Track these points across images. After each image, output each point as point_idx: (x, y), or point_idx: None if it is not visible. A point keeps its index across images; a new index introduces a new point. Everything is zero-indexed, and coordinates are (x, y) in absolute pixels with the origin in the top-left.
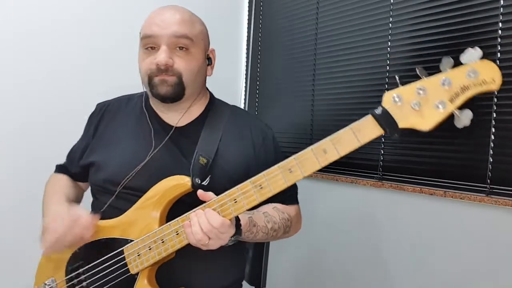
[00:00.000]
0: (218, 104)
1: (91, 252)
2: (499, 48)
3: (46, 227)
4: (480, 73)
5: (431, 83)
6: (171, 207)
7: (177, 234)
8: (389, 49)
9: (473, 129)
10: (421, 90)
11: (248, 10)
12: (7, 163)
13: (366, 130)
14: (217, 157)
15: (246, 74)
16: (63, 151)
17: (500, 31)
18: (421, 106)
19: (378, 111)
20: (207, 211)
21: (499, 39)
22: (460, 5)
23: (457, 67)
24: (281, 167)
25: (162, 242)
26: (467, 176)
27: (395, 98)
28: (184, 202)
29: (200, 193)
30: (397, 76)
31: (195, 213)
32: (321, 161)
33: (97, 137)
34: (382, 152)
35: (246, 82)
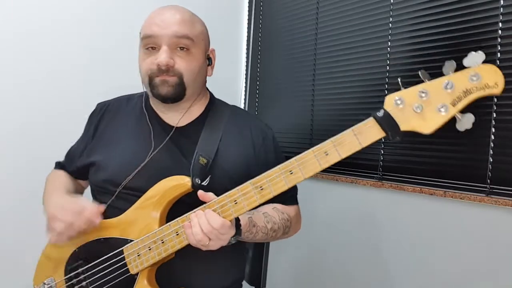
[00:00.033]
0: (218, 104)
1: (90, 252)
2: (499, 48)
3: (53, 216)
4: (483, 77)
5: (434, 86)
6: (171, 207)
7: (177, 235)
8: (389, 49)
9: (473, 129)
10: (424, 93)
11: (248, 10)
12: (7, 163)
13: (368, 133)
14: (217, 157)
15: (246, 74)
16: (63, 151)
17: (500, 31)
18: (423, 109)
19: (380, 114)
20: (208, 212)
21: (499, 39)
22: (460, 5)
23: (460, 71)
24: (282, 169)
25: (162, 243)
26: (467, 176)
27: (397, 101)
28: (184, 203)
29: (201, 194)
30: (400, 79)
31: (195, 214)
32: (322, 163)
33: (97, 137)
34: (382, 152)
35: (246, 82)
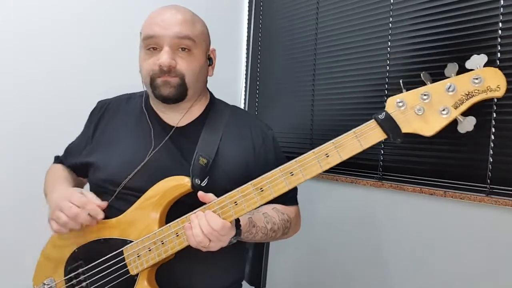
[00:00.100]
0: (218, 104)
1: (90, 252)
2: (499, 48)
3: (58, 205)
4: (486, 80)
5: (436, 89)
6: (171, 208)
7: (177, 236)
8: (389, 49)
9: (473, 130)
10: (426, 96)
11: (248, 10)
12: (7, 163)
13: (369, 135)
14: (217, 158)
15: (246, 74)
16: (63, 151)
17: (500, 31)
18: (425, 112)
19: (382, 116)
20: (208, 213)
21: (499, 39)
22: (460, 6)
23: (462, 74)
24: (283, 170)
25: (162, 244)
26: (467, 176)
27: (399, 103)
28: (184, 203)
29: (201, 195)
30: (401, 81)
31: (196, 215)
32: (323, 165)
33: (97, 136)
34: (382, 152)
35: (246, 82)
